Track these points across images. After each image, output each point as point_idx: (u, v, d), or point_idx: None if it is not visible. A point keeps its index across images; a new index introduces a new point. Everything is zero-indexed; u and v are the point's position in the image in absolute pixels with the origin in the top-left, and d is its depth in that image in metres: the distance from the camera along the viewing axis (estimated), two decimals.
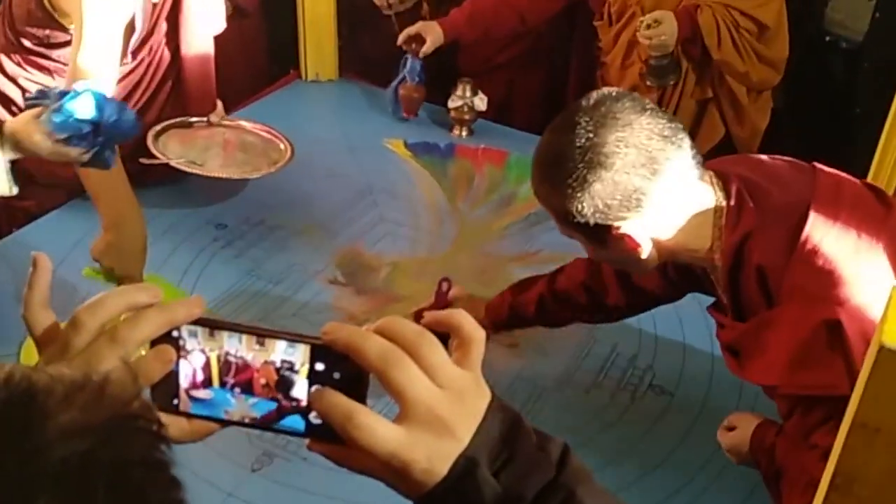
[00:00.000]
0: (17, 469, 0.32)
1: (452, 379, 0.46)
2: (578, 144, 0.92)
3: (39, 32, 1.55)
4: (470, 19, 2.06)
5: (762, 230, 0.95)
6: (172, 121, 1.76)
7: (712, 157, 2.13)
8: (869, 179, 1.63)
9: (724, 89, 2.00)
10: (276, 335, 0.47)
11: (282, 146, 1.81)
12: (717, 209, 0.97)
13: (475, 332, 0.48)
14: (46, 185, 1.67)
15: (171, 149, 1.72)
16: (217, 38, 1.77)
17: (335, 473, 1.20)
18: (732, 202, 0.96)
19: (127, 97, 1.65)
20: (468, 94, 2.03)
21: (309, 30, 2.21)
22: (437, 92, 2.10)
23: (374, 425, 0.44)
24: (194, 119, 1.80)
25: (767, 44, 1.96)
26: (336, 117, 2.21)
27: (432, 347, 0.46)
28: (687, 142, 0.93)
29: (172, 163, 1.66)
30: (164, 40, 1.69)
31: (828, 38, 2.25)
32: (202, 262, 1.60)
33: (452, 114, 2.05)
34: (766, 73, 1.99)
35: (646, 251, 0.97)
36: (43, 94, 1.19)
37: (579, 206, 0.94)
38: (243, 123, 1.88)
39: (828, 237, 0.93)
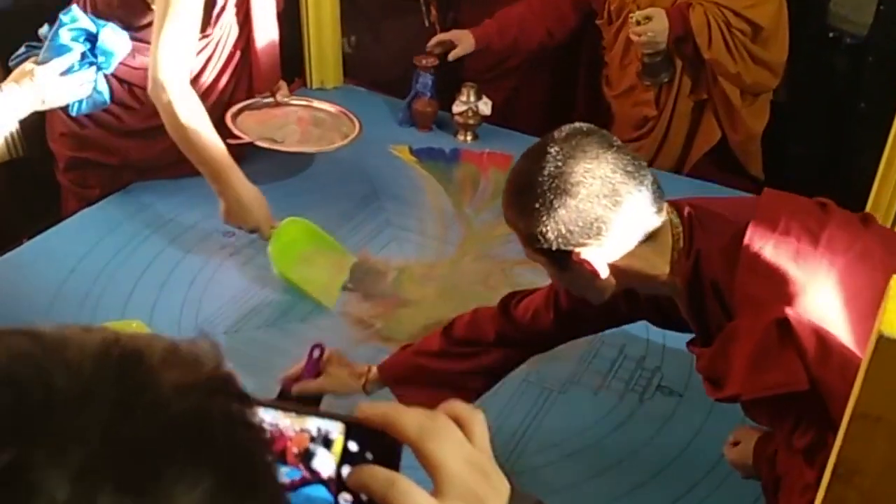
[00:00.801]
0: (144, 422, 0.33)
1: (477, 457, 0.46)
2: (547, 172, 0.96)
3: (124, 14, 1.62)
4: (501, 31, 2.10)
5: (711, 248, 1.00)
6: (245, 102, 1.87)
7: (709, 160, 2.13)
8: (878, 178, 1.62)
9: (717, 90, 1.98)
10: (310, 413, 0.45)
11: (350, 119, 1.95)
12: (674, 236, 1.01)
13: (474, 414, 0.48)
14: (115, 168, 1.77)
15: (250, 128, 1.83)
16: None
17: None
18: (685, 227, 1.01)
19: (200, 71, 1.74)
20: (472, 98, 2.04)
21: (313, 39, 2.23)
22: (443, 97, 2.11)
23: (416, 495, 0.43)
24: (265, 99, 1.91)
25: (763, 45, 1.94)
26: None
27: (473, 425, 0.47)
28: (649, 178, 0.98)
29: (256, 142, 1.77)
30: (234, 15, 1.77)
31: (831, 35, 2.24)
32: (211, 269, 1.61)
33: (457, 119, 2.06)
34: (760, 76, 1.97)
35: (603, 276, 0.99)
36: (29, 48, 1.30)
37: (544, 230, 0.97)
38: (310, 101, 2.00)
39: (767, 245, 0.96)
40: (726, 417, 1.33)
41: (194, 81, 1.74)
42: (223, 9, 1.72)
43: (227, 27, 1.76)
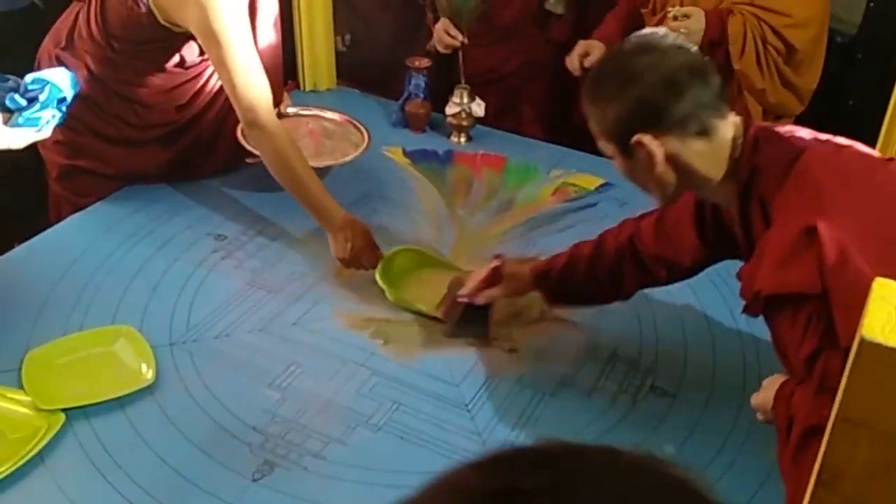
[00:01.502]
0: None
1: None
2: (616, 64, 1.12)
3: (132, 31, 1.62)
4: (621, 30, 2.04)
5: (769, 165, 1.08)
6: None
7: None
8: None
9: (740, 104, 1.93)
10: None
11: (358, 128, 1.93)
12: (734, 144, 1.10)
13: None
14: (110, 176, 1.77)
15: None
16: None
17: (335, 482, 1.21)
18: (748, 142, 1.10)
19: (205, 82, 1.73)
20: (465, 100, 2.04)
21: (306, 42, 2.23)
22: (439, 101, 2.11)
23: None
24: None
25: (795, 69, 1.91)
26: None
27: None
28: (714, 80, 1.09)
29: None
30: None
31: None
32: (202, 273, 1.61)
33: (450, 120, 2.06)
34: (786, 99, 1.95)
35: (660, 165, 1.09)
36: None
37: (610, 116, 1.11)
38: (316, 110, 1.98)
39: (818, 166, 1.05)
40: (720, 417, 1.33)
41: (199, 93, 1.75)
42: None
43: None
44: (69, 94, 1.56)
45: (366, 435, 1.27)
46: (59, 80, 1.53)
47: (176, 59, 1.67)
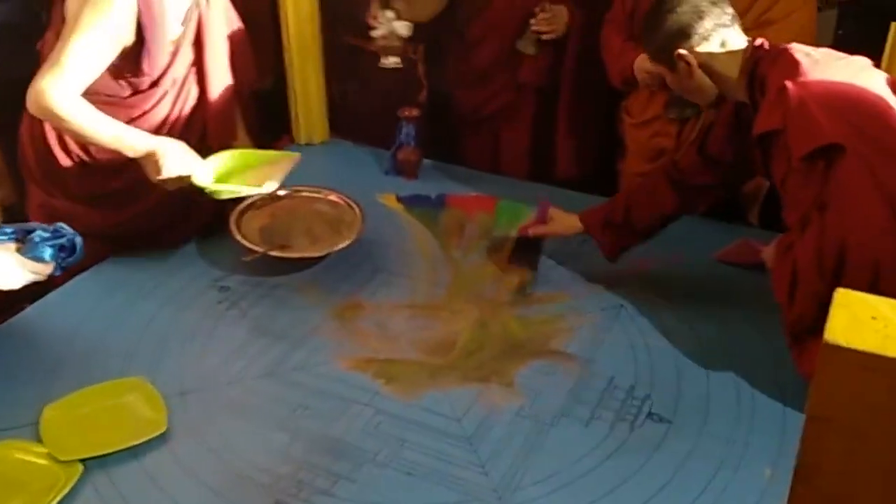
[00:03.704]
0: None
1: None
2: (658, 4, 1.56)
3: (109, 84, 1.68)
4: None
5: (764, 58, 1.49)
6: (241, 205, 1.85)
7: (719, 206, 2.19)
8: None
9: None
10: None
11: (349, 206, 1.92)
12: (744, 52, 1.52)
13: None
14: (86, 237, 1.70)
15: (255, 233, 1.82)
16: None
17: None
18: (755, 44, 1.52)
19: (155, 131, 1.75)
20: (391, 17, 2.05)
21: (300, 96, 2.31)
22: (427, 146, 2.19)
23: None
24: (256, 196, 1.85)
25: None
26: (329, 176, 2.28)
27: None
28: (728, 10, 1.53)
29: (270, 253, 1.75)
30: (191, 77, 1.79)
31: None
32: (209, 324, 1.66)
33: (380, 42, 2.06)
34: None
35: (696, 71, 1.52)
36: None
37: (657, 39, 1.55)
38: (304, 191, 1.96)
39: (794, 53, 1.46)
40: (718, 441, 1.37)
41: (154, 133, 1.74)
42: (170, 64, 1.74)
43: (183, 88, 1.79)
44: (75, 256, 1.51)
45: (373, 472, 1.31)
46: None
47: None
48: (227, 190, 1.59)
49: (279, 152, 1.75)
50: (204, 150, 1.78)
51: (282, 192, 1.90)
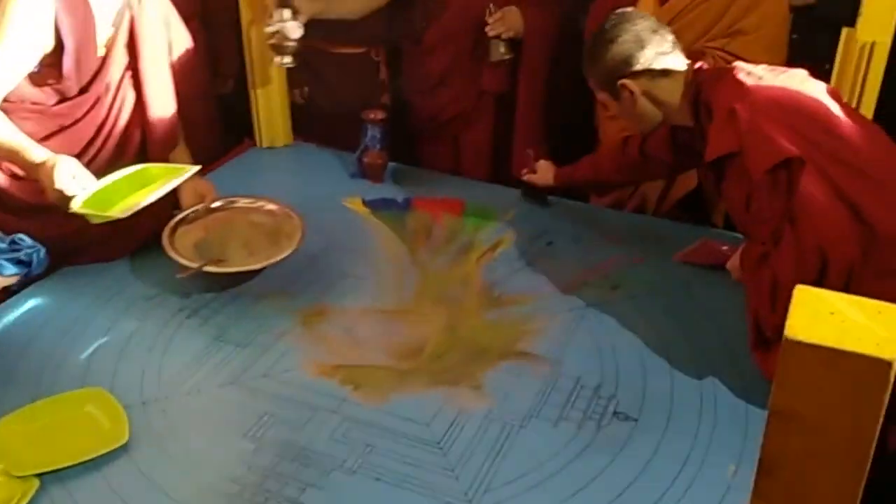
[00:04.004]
0: None
1: None
2: (600, 33, 1.59)
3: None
4: None
5: (707, 82, 1.54)
6: (174, 220, 1.78)
7: (683, 207, 2.23)
8: None
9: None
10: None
11: (288, 216, 1.83)
12: (686, 76, 1.57)
13: None
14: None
15: (190, 249, 1.73)
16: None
17: None
18: (695, 68, 1.58)
19: (91, 140, 1.67)
20: (286, 17, 2.02)
21: (261, 98, 2.29)
22: (393, 149, 2.18)
23: None
24: (190, 210, 1.81)
25: None
26: (292, 181, 2.27)
27: None
28: (669, 37, 1.58)
29: (205, 269, 1.67)
30: (127, 82, 1.71)
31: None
32: (169, 332, 1.63)
33: (273, 40, 2.04)
34: None
35: (640, 100, 1.58)
36: None
37: (601, 69, 1.58)
38: (240, 202, 1.88)
39: (737, 73, 1.50)
40: (683, 438, 1.38)
41: (86, 147, 1.67)
42: (104, 62, 1.66)
43: (118, 93, 1.71)
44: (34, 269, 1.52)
45: (341, 478, 1.30)
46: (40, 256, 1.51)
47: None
48: (97, 215, 1.49)
49: (179, 166, 1.64)
50: (144, 159, 1.71)
51: (217, 204, 1.84)
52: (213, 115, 2.47)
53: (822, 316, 0.56)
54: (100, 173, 1.59)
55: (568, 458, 1.34)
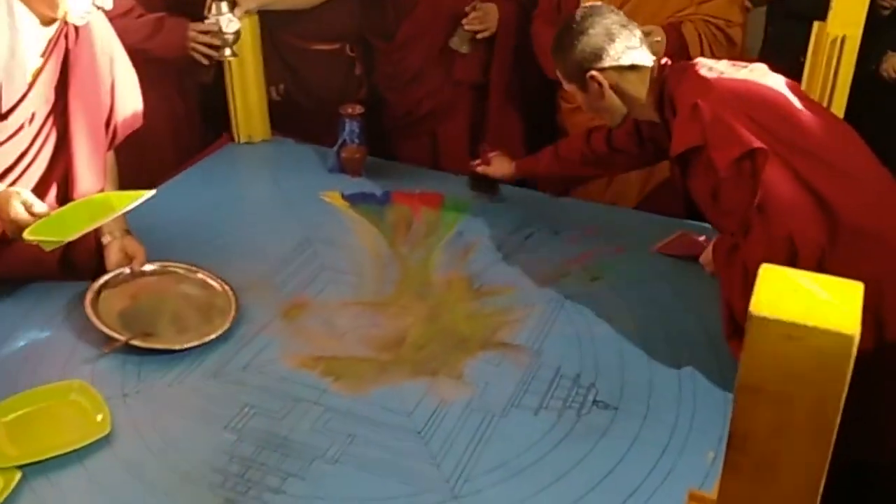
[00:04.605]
0: None
1: None
2: (569, 24, 1.60)
3: None
4: None
5: (671, 77, 1.57)
6: (95, 284, 1.64)
7: (661, 191, 2.26)
8: None
9: None
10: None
11: (222, 289, 1.68)
12: (652, 69, 1.59)
13: None
14: None
15: (114, 317, 1.59)
16: (146, 111, 1.78)
17: None
18: (658, 67, 1.60)
19: (10, 168, 1.56)
20: (224, 10, 2.02)
21: (238, 93, 2.28)
22: (371, 143, 2.19)
23: None
24: (114, 272, 1.68)
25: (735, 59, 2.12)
26: (271, 176, 2.27)
27: None
28: (637, 32, 1.60)
29: (132, 342, 1.52)
30: (52, 112, 1.60)
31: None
32: None
33: (206, 38, 2.04)
34: None
35: (607, 92, 1.59)
36: None
37: (569, 61, 1.60)
38: (171, 267, 1.73)
39: (699, 68, 1.55)
40: (662, 426, 1.40)
41: (4, 174, 1.55)
42: (28, 91, 1.54)
43: (45, 125, 1.59)
44: None
45: (323, 468, 1.31)
46: None
47: None
48: (49, 241, 1.41)
49: (135, 192, 1.52)
50: (68, 195, 1.61)
51: (148, 268, 1.71)
52: (192, 109, 2.46)
53: (786, 293, 0.58)
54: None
55: (548, 447, 1.36)
